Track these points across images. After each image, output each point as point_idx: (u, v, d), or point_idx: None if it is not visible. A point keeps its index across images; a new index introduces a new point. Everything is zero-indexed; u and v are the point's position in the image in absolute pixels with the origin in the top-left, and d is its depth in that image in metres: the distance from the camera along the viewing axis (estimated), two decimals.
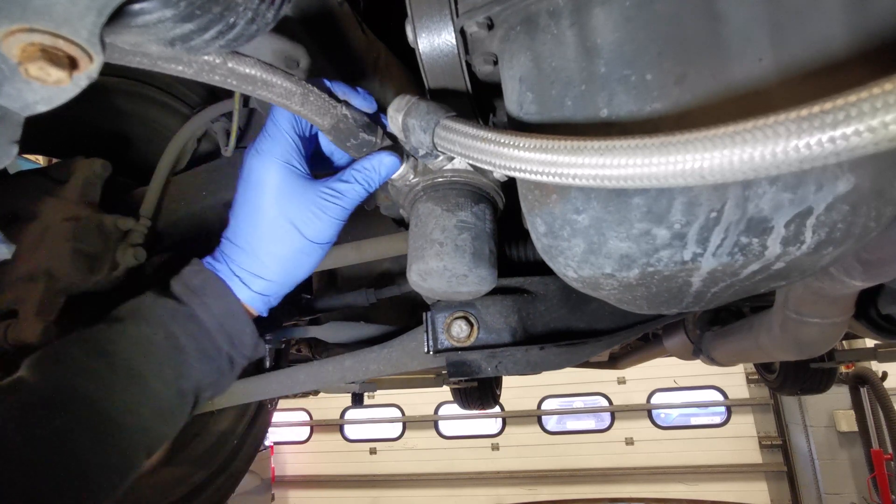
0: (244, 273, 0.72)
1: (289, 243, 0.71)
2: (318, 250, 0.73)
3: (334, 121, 0.66)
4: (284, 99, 0.60)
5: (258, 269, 0.72)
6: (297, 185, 0.69)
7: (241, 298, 0.73)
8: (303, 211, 0.69)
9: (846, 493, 6.43)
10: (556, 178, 0.47)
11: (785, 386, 3.61)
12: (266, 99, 0.59)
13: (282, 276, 0.73)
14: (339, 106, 0.66)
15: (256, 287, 0.73)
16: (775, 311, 1.37)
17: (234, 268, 0.73)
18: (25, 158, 2.57)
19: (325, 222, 0.71)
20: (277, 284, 0.74)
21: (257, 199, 0.70)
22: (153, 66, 0.49)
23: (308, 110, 0.63)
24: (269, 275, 0.72)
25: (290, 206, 0.69)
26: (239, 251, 0.72)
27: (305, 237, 0.70)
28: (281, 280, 0.73)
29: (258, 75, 0.56)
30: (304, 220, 0.70)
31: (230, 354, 0.74)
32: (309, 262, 0.73)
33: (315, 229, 0.70)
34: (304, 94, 0.61)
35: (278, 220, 0.70)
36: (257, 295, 0.73)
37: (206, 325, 0.71)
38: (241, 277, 0.72)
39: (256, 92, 0.58)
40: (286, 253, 0.71)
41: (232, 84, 0.55)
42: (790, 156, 0.36)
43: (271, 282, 0.73)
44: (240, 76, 0.55)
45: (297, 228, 0.70)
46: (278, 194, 0.69)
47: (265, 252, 0.71)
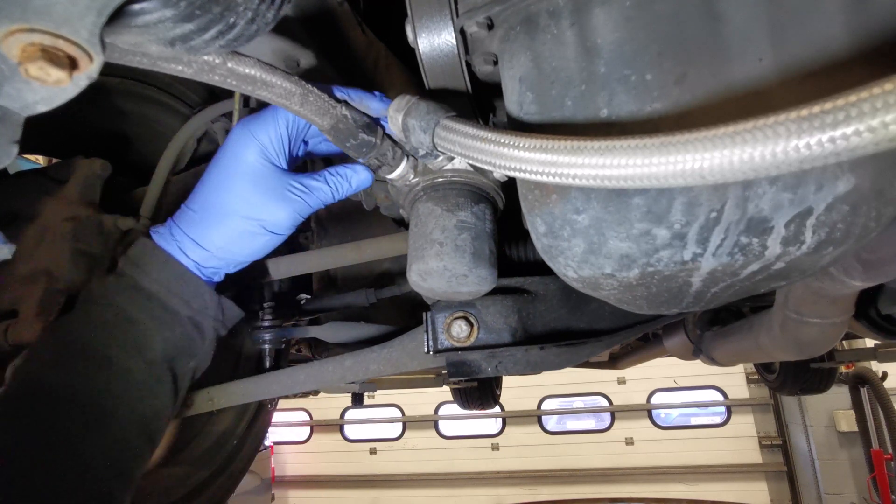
0: (185, 239, 0.72)
1: (241, 223, 0.70)
2: (269, 239, 0.73)
3: (334, 121, 0.66)
4: (284, 99, 0.60)
5: (201, 238, 0.71)
6: (268, 170, 0.70)
7: (187, 267, 0.72)
8: (265, 197, 0.70)
9: (846, 493, 6.43)
10: (556, 178, 0.47)
11: (785, 386, 3.62)
12: (266, 99, 0.59)
13: (224, 251, 0.72)
14: (338, 106, 0.65)
15: (194, 255, 0.72)
16: (775, 311, 1.37)
17: (175, 232, 0.72)
18: (25, 158, 2.57)
19: (284, 213, 0.71)
20: (217, 259, 0.73)
21: (226, 172, 0.70)
22: (153, 65, 0.49)
23: (308, 110, 0.63)
24: (210, 246, 0.72)
25: (253, 189, 0.69)
26: (190, 217, 0.72)
27: (258, 221, 0.70)
28: (221, 255, 0.72)
29: (258, 75, 0.56)
30: (264, 207, 0.70)
31: (191, 317, 0.73)
32: (256, 246, 0.73)
33: (272, 217, 0.71)
34: (303, 94, 0.61)
35: (237, 198, 0.70)
36: (192, 263, 0.72)
37: (151, 291, 0.70)
38: (179, 243, 0.72)
39: (256, 92, 0.58)
40: (235, 231, 0.71)
41: (231, 84, 0.56)
42: (790, 156, 0.36)
43: (210, 254, 0.72)
44: (239, 76, 0.55)
45: (253, 212, 0.70)
46: (247, 173, 0.69)
47: (214, 224, 0.71)
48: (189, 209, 0.73)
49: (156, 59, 0.49)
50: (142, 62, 0.47)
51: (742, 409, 7.55)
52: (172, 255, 0.71)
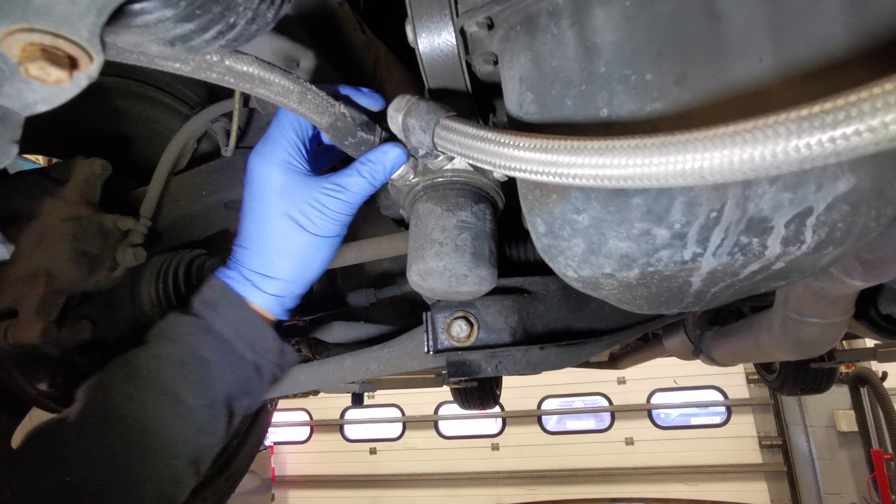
0: (255, 276, 0.73)
1: (294, 240, 0.71)
2: (326, 245, 0.73)
3: (332, 119, 0.66)
4: (282, 97, 0.60)
5: (268, 269, 0.72)
6: (298, 181, 0.70)
7: (256, 303, 0.73)
8: (305, 206, 0.70)
9: (846, 493, 6.43)
10: (556, 178, 0.47)
11: (785, 386, 3.61)
12: (264, 97, 0.59)
13: (292, 274, 0.73)
14: (337, 104, 0.66)
15: (269, 289, 0.73)
16: (775, 311, 1.37)
17: (244, 272, 0.73)
18: (25, 158, 2.57)
19: (329, 216, 0.71)
20: (290, 283, 0.74)
21: (261, 199, 0.71)
22: (150, 63, 0.49)
23: (306, 108, 0.63)
24: (279, 274, 0.72)
25: (291, 203, 0.70)
26: (248, 254, 0.73)
27: (309, 232, 0.71)
28: (292, 278, 0.73)
29: (256, 73, 0.56)
30: (307, 216, 0.70)
31: (255, 361, 0.75)
32: (318, 257, 0.74)
33: (319, 224, 0.71)
34: (301, 92, 0.61)
35: (282, 218, 0.70)
36: (271, 297, 0.73)
37: (224, 334, 0.72)
38: (252, 281, 0.73)
39: (254, 90, 0.58)
40: (293, 250, 0.71)
41: (229, 82, 0.55)
42: (790, 156, 0.36)
43: (283, 281, 0.73)
44: (237, 74, 0.55)
45: (300, 224, 0.70)
46: (280, 192, 0.70)
47: (273, 251, 0.72)
48: (243, 248, 0.74)
49: (153, 57, 0.49)
50: (139, 60, 0.47)
51: (742, 409, 7.55)
52: (246, 296, 0.73)
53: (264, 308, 0.74)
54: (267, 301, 0.74)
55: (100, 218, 1.11)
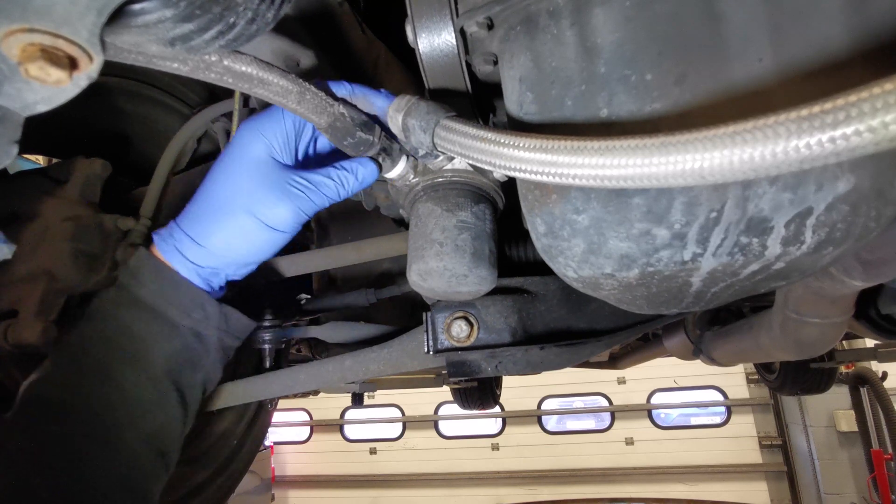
0: (183, 238, 0.69)
1: (240, 219, 0.68)
2: (272, 236, 0.70)
3: (331, 119, 0.65)
4: (281, 97, 0.60)
5: (200, 235, 0.69)
6: (272, 166, 0.68)
7: (173, 266, 0.69)
8: (265, 192, 0.67)
9: (846, 493, 6.43)
10: (556, 178, 0.47)
11: (785, 386, 3.61)
12: (262, 97, 0.59)
13: (222, 249, 0.69)
14: (336, 105, 0.65)
15: (191, 255, 0.69)
16: (775, 311, 1.37)
17: (175, 232, 0.70)
18: (25, 158, 2.57)
19: (286, 209, 0.68)
20: (217, 258, 0.70)
21: (230, 164, 0.69)
22: (149, 63, 0.49)
23: (305, 108, 0.62)
24: (210, 245, 0.69)
25: (254, 183, 0.68)
26: (188, 216, 0.70)
27: (259, 218, 0.68)
28: (220, 253, 0.69)
29: (254, 73, 0.56)
30: (264, 202, 0.68)
31: (193, 329, 0.70)
32: (259, 244, 0.70)
33: (273, 214, 0.68)
34: (300, 92, 0.60)
35: (240, 190, 0.68)
36: (190, 264, 0.69)
37: (148, 302, 0.68)
38: (177, 242, 0.69)
39: (253, 90, 0.57)
40: (234, 228, 0.68)
41: (228, 82, 0.55)
42: (790, 156, 0.36)
43: (209, 253, 0.69)
44: (236, 74, 0.55)
45: (252, 207, 0.68)
46: (250, 166, 0.68)
47: (213, 221, 0.68)
48: (190, 207, 0.71)
49: (152, 57, 0.49)
50: (138, 60, 0.47)
51: (742, 409, 7.55)
52: (169, 258, 0.69)
53: (186, 277, 0.70)
54: (187, 269, 0.69)
55: (100, 218, 1.11)
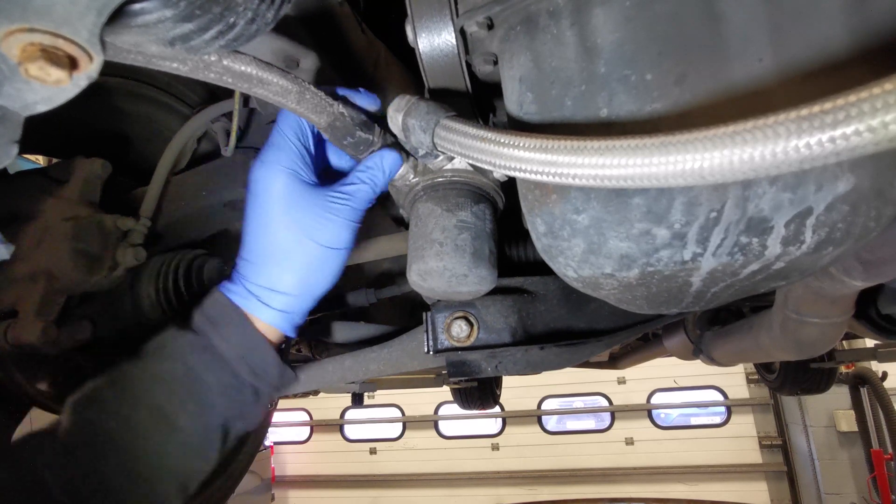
0: (261, 290, 0.69)
1: (302, 252, 0.68)
2: (335, 256, 0.71)
3: (331, 119, 0.65)
4: (280, 97, 0.60)
5: (275, 283, 0.69)
6: (304, 191, 0.68)
7: (263, 319, 0.70)
8: (312, 216, 0.68)
9: (846, 493, 6.43)
10: (556, 178, 0.47)
11: (785, 386, 3.61)
12: (262, 97, 0.59)
13: (300, 287, 0.70)
14: (335, 104, 0.65)
15: (276, 304, 0.70)
16: (775, 311, 1.37)
17: (249, 286, 0.70)
18: (25, 158, 2.57)
19: (338, 225, 0.69)
20: (297, 298, 0.70)
21: (265, 209, 0.69)
22: (148, 63, 0.48)
23: (304, 108, 0.62)
24: (286, 288, 0.69)
25: (298, 213, 0.68)
26: (253, 268, 0.70)
27: (318, 243, 0.68)
28: (300, 292, 0.70)
29: (254, 73, 0.56)
30: (315, 226, 0.68)
31: (254, 385, 0.71)
32: (327, 269, 0.71)
33: (328, 234, 0.68)
34: (300, 91, 0.60)
35: (289, 229, 0.68)
36: (278, 312, 0.70)
37: (225, 356, 0.69)
38: (257, 296, 0.69)
39: (252, 90, 0.57)
40: (300, 262, 0.69)
41: (227, 81, 0.55)
42: (790, 156, 0.36)
43: (290, 296, 0.70)
44: (235, 74, 0.55)
45: (308, 235, 0.68)
46: (286, 202, 0.68)
47: (278, 264, 0.69)
48: (247, 261, 0.71)
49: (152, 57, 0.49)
50: (137, 59, 0.47)
51: (742, 409, 7.55)
52: (251, 312, 0.69)
53: (271, 324, 0.70)
54: (273, 317, 0.70)
55: (100, 218, 1.11)
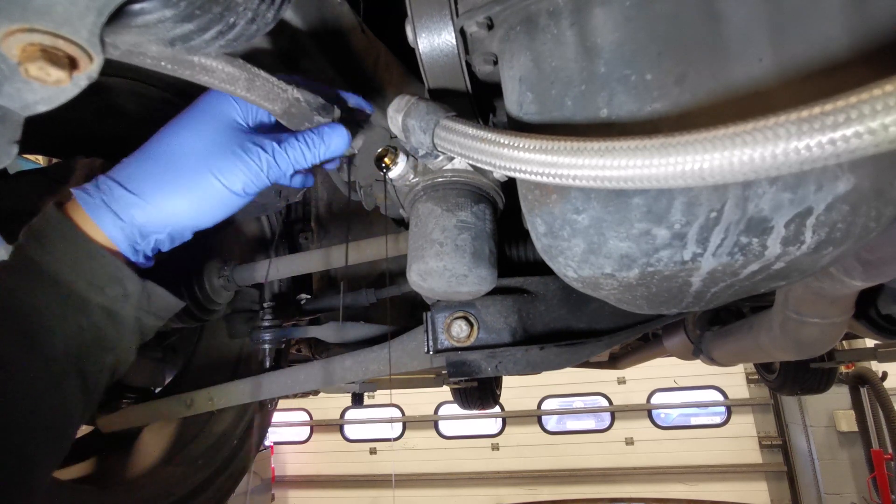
0: (119, 192, 0.60)
1: (196, 175, 0.60)
2: (226, 199, 0.63)
3: (285, 105, 0.63)
4: (228, 84, 0.57)
5: (144, 190, 0.60)
6: (239, 126, 0.63)
7: (104, 229, 0.60)
8: (230, 150, 0.62)
9: (846, 493, 6.43)
10: (556, 178, 0.47)
11: (785, 386, 3.61)
12: (208, 84, 0.57)
13: (169, 206, 0.60)
14: (289, 89, 0.63)
15: (125, 211, 0.60)
16: (775, 311, 1.37)
17: (106, 186, 0.60)
18: (25, 158, 2.57)
19: (248, 170, 0.62)
20: (157, 216, 0.61)
21: (191, 123, 0.63)
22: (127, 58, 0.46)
23: (255, 95, 0.60)
24: (153, 199, 0.60)
25: (220, 141, 0.61)
26: (132, 170, 0.61)
27: (216, 176, 0.61)
28: (165, 212, 0.61)
29: (196, 61, 0.53)
30: (226, 159, 0.61)
31: (106, 307, 0.61)
32: (209, 205, 0.62)
33: (233, 174, 0.61)
34: (249, 79, 0.58)
35: (200, 149, 0.61)
36: (121, 223, 0.60)
37: (54, 273, 0.58)
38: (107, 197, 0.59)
39: (196, 77, 0.55)
40: (187, 184, 0.60)
41: (169, 69, 0.53)
42: (790, 157, 0.36)
43: (151, 209, 0.60)
44: (179, 62, 0.52)
45: (214, 163, 0.61)
46: (215, 126, 0.62)
47: (163, 174, 0.60)
48: (132, 161, 0.62)
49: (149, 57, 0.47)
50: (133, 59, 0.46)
51: (742, 409, 7.55)
52: (94, 215, 0.59)
53: (111, 239, 0.60)
54: (115, 228, 0.59)
55: None
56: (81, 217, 0.60)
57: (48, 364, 0.57)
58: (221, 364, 1.68)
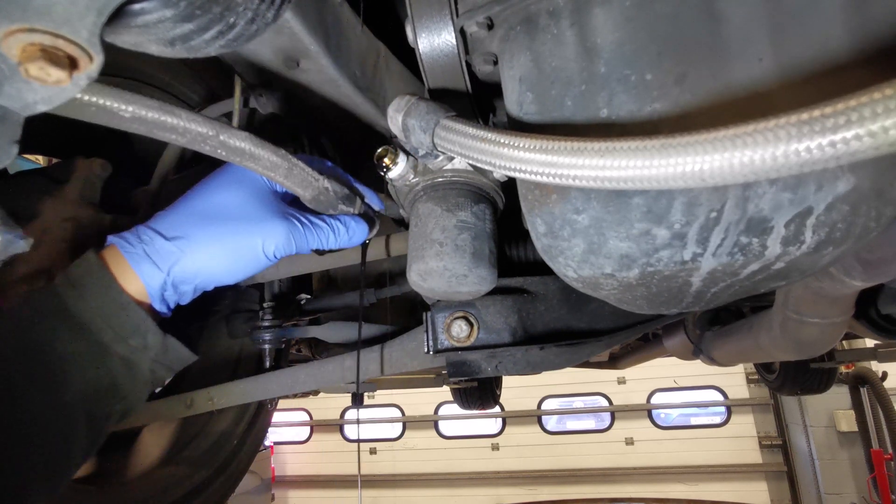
0: (160, 243, 0.61)
1: (237, 235, 0.63)
2: (258, 262, 0.66)
3: (315, 193, 0.69)
4: (270, 171, 0.62)
5: (185, 242, 0.61)
6: (277, 196, 0.69)
7: (140, 276, 0.61)
8: (272, 216, 0.66)
9: (846, 493, 6.43)
10: (556, 178, 0.47)
11: (785, 386, 3.61)
12: (253, 169, 0.61)
13: (205, 261, 0.62)
14: (321, 179, 0.69)
15: (165, 262, 0.61)
16: (775, 311, 1.37)
17: (147, 236, 0.61)
18: (25, 158, 2.57)
19: (285, 240, 0.66)
20: (192, 270, 0.62)
21: (233, 182, 0.66)
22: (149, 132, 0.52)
23: (292, 182, 0.65)
24: (192, 252, 0.61)
25: (262, 205, 0.66)
26: (175, 222, 0.62)
27: (256, 238, 0.64)
28: (200, 266, 0.62)
29: (247, 148, 0.58)
30: (268, 225, 0.65)
31: (125, 357, 0.62)
32: (241, 265, 0.65)
33: (272, 240, 0.65)
34: (288, 168, 0.63)
35: (242, 209, 0.64)
36: (159, 274, 0.61)
37: (83, 320, 0.59)
38: (149, 247, 0.60)
39: (244, 163, 0.60)
40: (227, 241, 0.62)
41: (221, 155, 0.58)
42: (790, 159, 0.36)
43: (188, 262, 0.61)
44: (230, 148, 0.57)
45: (255, 225, 0.64)
46: (257, 190, 0.66)
47: (206, 229, 0.62)
48: (174, 212, 0.64)
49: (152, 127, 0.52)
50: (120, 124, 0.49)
51: (742, 409, 7.55)
52: (134, 263, 0.60)
53: (145, 288, 0.61)
54: (152, 278, 0.60)
55: (100, 218, 1.11)
56: (119, 264, 0.62)
57: (61, 407, 0.58)
58: (221, 364, 1.68)
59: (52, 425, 0.58)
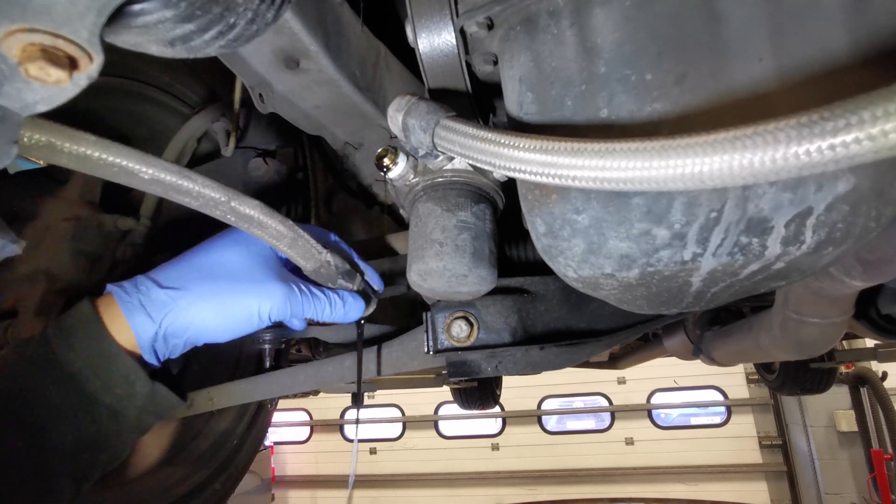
0: (157, 294, 0.61)
1: (237, 297, 0.64)
2: (251, 324, 0.66)
3: (317, 265, 0.70)
4: (275, 239, 0.63)
5: (183, 297, 0.61)
6: (281, 263, 0.70)
7: (136, 333, 0.61)
8: (276, 283, 0.67)
9: (846, 493, 6.43)
10: (555, 179, 0.47)
11: (785, 386, 3.61)
12: (259, 237, 0.63)
13: (200, 318, 0.62)
14: (323, 252, 0.70)
15: (159, 314, 0.61)
16: (775, 311, 1.37)
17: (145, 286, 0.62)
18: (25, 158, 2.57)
19: (284, 307, 0.67)
20: (185, 325, 0.62)
21: (238, 245, 0.67)
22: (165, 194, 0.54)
23: (295, 252, 0.67)
24: (189, 308, 0.61)
25: (267, 271, 0.67)
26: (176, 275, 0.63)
27: (256, 302, 0.65)
28: (194, 322, 0.62)
29: (255, 216, 0.60)
30: (270, 290, 0.66)
31: (111, 406, 0.61)
32: (234, 326, 0.65)
33: (271, 306, 0.66)
34: (293, 238, 0.65)
35: (247, 272, 0.65)
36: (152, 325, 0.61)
37: (71, 371, 0.59)
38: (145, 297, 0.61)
39: (251, 230, 0.61)
40: (225, 302, 0.63)
41: (231, 220, 0.59)
42: (790, 162, 0.36)
43: (183, 317, 0.62)
44: (239, 215, 0.59)
45: (258, 290, 0.65)
46: (263, 256, 0.68)
47: (206, 286, 0.63)
48: (176, 265, 0.65)
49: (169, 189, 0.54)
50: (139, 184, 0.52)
51: (742, 409, 7.55)
52: (128, 313, 0.60)
53: (137, 338, 0.61)
54: (144, 329, 0.60)
55: (100, 218, 1.11)
56: (112, 313, 0.61)
57: (44, 456, 0.58)
58: (221, 364, 1.68)
59: (34, 475, 0.57)
